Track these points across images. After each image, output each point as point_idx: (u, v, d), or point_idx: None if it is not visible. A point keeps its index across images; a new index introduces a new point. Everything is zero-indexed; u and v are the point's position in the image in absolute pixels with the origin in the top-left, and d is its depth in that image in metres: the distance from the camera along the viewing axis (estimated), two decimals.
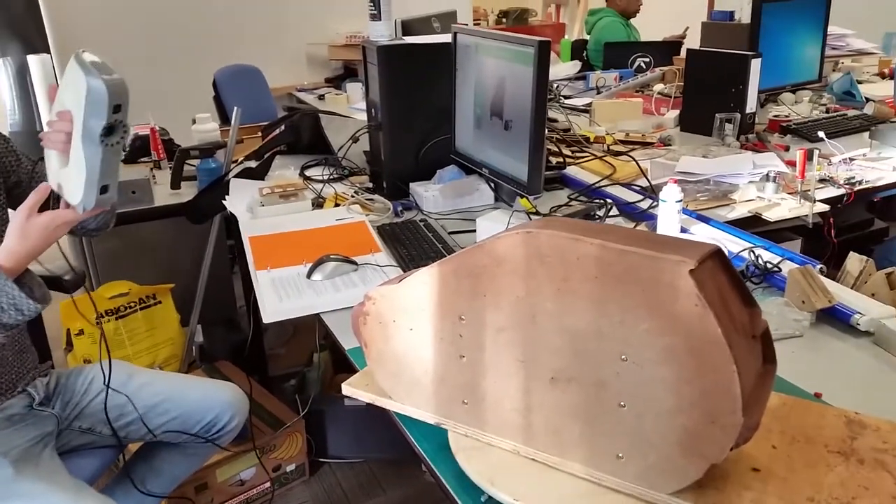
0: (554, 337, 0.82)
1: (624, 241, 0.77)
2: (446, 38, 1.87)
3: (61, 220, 1.20)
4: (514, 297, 0.84)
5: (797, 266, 1.29)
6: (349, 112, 2.92)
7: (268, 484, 2.06)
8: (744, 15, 3.25)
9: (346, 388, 1.03)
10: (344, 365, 2.30)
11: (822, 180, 1.89)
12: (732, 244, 1.46)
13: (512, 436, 0.89)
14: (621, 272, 0.76)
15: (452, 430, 0.93)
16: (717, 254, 0.78)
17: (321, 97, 3.54)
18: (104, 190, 1.21)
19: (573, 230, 0.80)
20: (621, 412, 0.79)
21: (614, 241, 0.76)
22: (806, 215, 1.71)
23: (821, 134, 2.19)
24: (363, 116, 2.28)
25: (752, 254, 1.39)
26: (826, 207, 1.75)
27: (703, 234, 1.54)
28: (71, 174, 1.20)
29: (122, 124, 1.16)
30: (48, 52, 3.63)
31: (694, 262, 0.72)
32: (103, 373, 1.41)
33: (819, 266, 1.35)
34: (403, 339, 0.94)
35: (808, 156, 1.80)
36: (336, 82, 3.99)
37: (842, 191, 1.86)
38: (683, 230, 1.51)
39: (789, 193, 1.81)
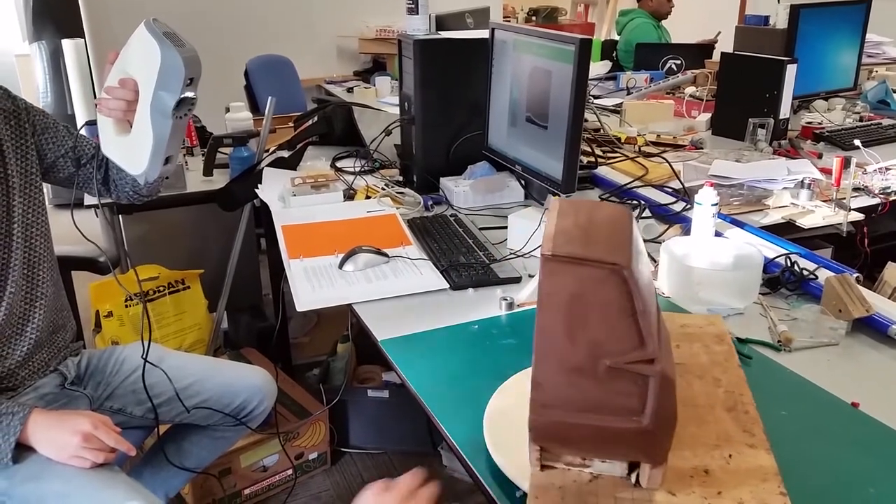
0: None
1: (576, 219, 0.77)
2: (481, 33, 1.86)
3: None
4: None
5: (834, 274, 1.28)
6: (377, 105, 2.93)
7: (290, 471, 2.07)
8: (779, 20, 3.21)
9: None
10: (367, 356, 2.33)
11: (856, 189, 1.86)
12: (768, 250, 1.45)
13: None
14: None
15: None
16: (610, 267, 0.70)
17: (350, 90, 3.53)
18: (167, 161, 1.21)
19: (578, 205, 0.83)
20: None
21: (570, 217, 0.78)
22: (840, 223, 1.70)
23: (857, 142, 2.17)
24: (391, 110, 2.29)
25: (787, 260, 1.38)
26: (861, 216, 1.73)
27: (738, 238, 1.53)
28: (133, 144, 1.17)
29: (193, 96, 1.14)
30: (82, 36, 3.67)
31: (549, 251, 0.71)
32: (143, 344, 1.41)
33: (855, 275, 1.34)
34: None
35: (845, 164, 1.78)
36: (365, 75, 3.99)
37: (876, 200, 1.84)
38: (718, 234, 1.51)
39: (823, 201, 1.79)
